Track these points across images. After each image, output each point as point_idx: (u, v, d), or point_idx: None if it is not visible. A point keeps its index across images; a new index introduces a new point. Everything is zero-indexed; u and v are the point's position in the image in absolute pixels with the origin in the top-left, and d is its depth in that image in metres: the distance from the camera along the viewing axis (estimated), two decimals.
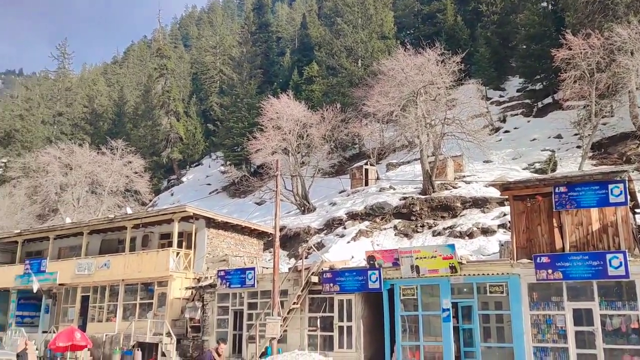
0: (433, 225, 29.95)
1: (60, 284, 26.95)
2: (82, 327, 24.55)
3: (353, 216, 33.33)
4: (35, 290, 27.02)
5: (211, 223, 26.49)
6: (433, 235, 28.85)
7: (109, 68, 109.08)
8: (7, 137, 79.70)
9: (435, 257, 17.20)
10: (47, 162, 45.40)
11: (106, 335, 24.21)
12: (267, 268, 23.73)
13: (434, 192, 32.09)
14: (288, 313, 19.53)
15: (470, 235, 27.26)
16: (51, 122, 76.52)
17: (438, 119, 33.34)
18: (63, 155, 45.42)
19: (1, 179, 69.19)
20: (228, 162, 52.79)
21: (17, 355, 12.54)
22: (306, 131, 39.38)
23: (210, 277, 23.69)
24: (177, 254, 24.53)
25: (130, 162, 45.98)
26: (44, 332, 26.67)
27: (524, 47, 45.46)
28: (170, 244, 25.49)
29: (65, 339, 21.51)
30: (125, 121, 72.39)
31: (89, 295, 26.40)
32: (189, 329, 22.69)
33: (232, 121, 53.90)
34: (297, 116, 38.95)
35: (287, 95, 41.84)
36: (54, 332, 24.81)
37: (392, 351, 17.65)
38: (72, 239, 29.98)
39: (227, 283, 21.82)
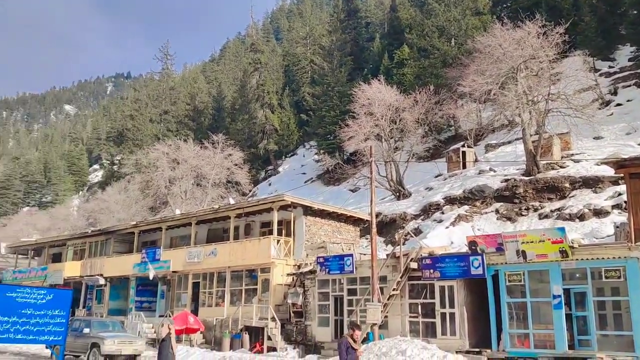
0: (539, 207, 28.44)
1: (173, 271, 28.74)
2: (194, 312, 26.06)
3: (451, 201, 32.47)
4: (151, 278, 29.02)
5: (308, 211, 26.96)
6: (539, 219, 27.41)
7: (207, 66, 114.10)
8: (120, 136, 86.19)
9: (543, 241, 16.30)
10: (157, 157, 48.47)
11: (216, 319, 25.52)
12: (364, 254, 23.78)
13: (538, 172, 30.42)
14: (388, 299, 19.45)
15: (581, 217, 25.60)
16: (158, 120, 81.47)
17: (541, 95, 31.47)
18: (170, 151, 48.27)
19: (116, 175, 75.01)
20: (322, 151, 53.39)
21: (162, 340, 13.38)
22: (399, 116, 38.82)
23: (310, 263, 24.17)
24: (278, 241, 25.24)
25: (230, 155, 47.94)
26: (160, 316, 28.61)
27: (635, 12, 41.59)
28: (270, 232, 26.29)
29: (180, 323, 22.98)
30: (224, 116, 75.46)
31: (199, 282, 27.93)
32: (292, 314, 23.31)
33: (324, 110, 54.36)
34: (389, 101, 38.47)
35: (378, 80, 41.44)
36: (170, 316, 26.55)
37: (498, 339, 17.03)
38: (182, 229, 31.86)
39: (327, 269, 22.12)
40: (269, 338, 22.60)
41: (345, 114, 44.13)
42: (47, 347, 21.81)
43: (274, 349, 21.94)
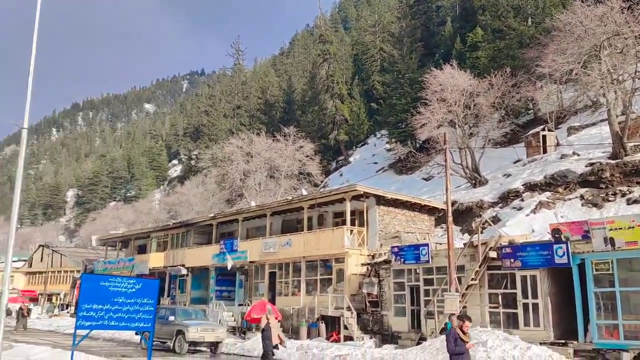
0: (627, 192, 26.75)
1: (250, 262, 29.57)
2: (272, 301, 26.67)
3: (531, 187, 31.19)
4: (229, 268, 30.01)
5: (381, 201, 26.82)
6: (627, 204, 25.80)
7: (277, 59, 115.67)
8: (196, 132, 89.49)
9: (633, 227, 15.33)
10: (231, 152, 49.90)
11: (293, 308, 26.03)
12: (440, 244, 23.37)
13: (626, 155, 28.60)
14: (466, 289, 19.03)
15: None
16: (231, 115, 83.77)
17: (627, 73, 29.50)
18: (244, 145, 49.53)
19: (194, 169, 77.93)
20: (393, 140, 52.84)
21: (262, 330, 13.84)
22: (473, 101, 37.67)
23: (384, 253, 24.07)
24: (351, 231, 25.31)
25: (301, 147, 48.53)
26: (239, 305, 29.56)
27: None
28: (343, 222, 26.41)
29: (259, 312, 23.58)
30: (295, 108, 76.37)
31: (275, 272, 28.59)
32: (368, 304, 23.35)
33: (394, 98, 53.73)
34: (463, 86, 37.40)
35: (451, 65, 40.36)
36: (248, 305, 27.37)
37: (585, 330, 16.24)
38: (257, 220, 32.67)
39: (402, 259, 21.95)
40: (345, 327, 22.78)
41: (416, 101, 43.39)
42: (136, 334, 23.15)
43: (351, 338, 22.09)
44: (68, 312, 45.15)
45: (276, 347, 14.21)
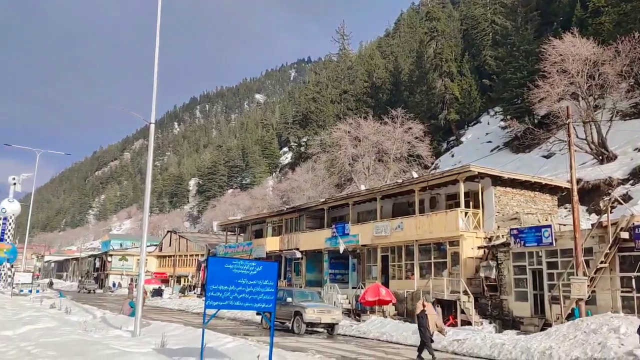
0: None
1: (362, 245, 29.82)
2: (385, 284, 26.76)
3: None
4: (341, 251, 30.48)
5: (497, 181, 25.70)
6: None
7: (382, 41, 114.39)
8: (304, 119, 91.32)
9: None
10: (339, 137, 50.37)
11: (406, 291, 25.90)
12: (564, 225, 21.99)
13: None
14: (595, 273, 17.76)
15: None
16: (338, 100, 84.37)
17: None
18: (352, 129, 49.76)
19: (304, 156, 79.73)
20: (508, 117, 50.25)
21: (418, 317, 13.89)
22: (597, 70, 34.72)
23: (502, 235, 23.11)
24: (466, 214, 24.57)
25: (410, 129, 47.77)
26: (353, 287, 29.97)
27: None
28: (457, 205, 25.69)
29: (373, 294, 23.84)
30: (402, 89, 75.16)
31: (387, 255, 28.58)
32: (485, 288, 22.61)
33: (509, 73, 50.96)
34: (585, 55, 34.60)
35: (571, 33, 37.47)
36: (362, 288, 27.67)
37: None
38: (368, 204, 32.80)
39: (522, 242, 20.96)
40: (462, 312, 22.25)
41: (533, 74, 40.88)
42: (257, 314, 24.39)
43: (469, 323, 21.55)
44: (195, 293, 48.52)
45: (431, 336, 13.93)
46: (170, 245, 70.29)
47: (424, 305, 13.81)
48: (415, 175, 31.49)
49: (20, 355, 10.40)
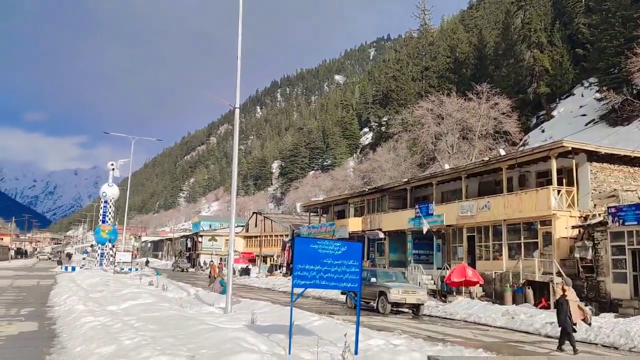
0: None
1: (447, 225, 29.25)
2: (471, 265, 26.15)
3: None
4: (424, 232, 30.06)
5: (593, 156, 24.20)
6: None
7: (466, 14, 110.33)
8: (385, 98, 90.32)
9: None
10: (421, 115, 49.42)
11: (495, 272, 25.18)
12: None
13: None
14: None
15: None
16: (419, 77, 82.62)
17: None
18: (434, 107, 48.65)
19: (385, 135, 79.04)
20: (604, 88, 47.01)
21: (558, 303, 12.87)
22: None
23: (599, 214, 21.83)
24: (558, 192, 23.38)
25: (496, 104, 45.97)
26: (438, 268, 29.55)
27: None
28: (548, 182, 24.49)
29: (459, 275, 23.41)
30: (487, 63, 72.24)
31: (473, 235, 27.86)
32: (581, 269, 21.51)
33: (604, 41, 47.52)
34: None
35: None
36: (447, 269, 27.23)
37: None
38: (452, 184, 32.05)
39: (620, 220, 19.68)
40: (555, 293, 21.31)
41: (631, 42, 38.02)
42: (342, 293, 24.72)
43: None
44: (281, 272, 49.90)
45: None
46: (256, 226, 72.56)
47: (564, 290, 12.70)
48: (502, 152, 30.30)
49: (125, 328, 11.20)
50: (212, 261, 46.03)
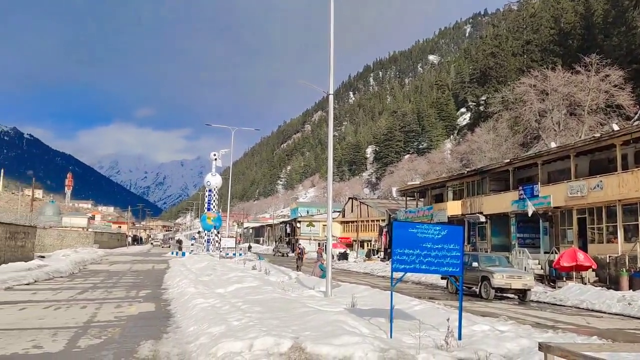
0: None
1: (554, 207, 27.68)
2: (582, 248, 24.63)
3: None
4: (530, 214, 28.68)
5: None
6: None
7: None
8: (482, 76, 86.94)
9: None
10: (523, 92, 46.98)
11: (609, 256, 23.54)
12: None
13: None
14: None
15: None
16: (520, 52, 78.52)
17: None
18: (537, 82, 46.03)
19: (483, 115, 76.19)
20: None
21: None
22: None
23: None
24: None
25: (607, 76, 42.66)
26: (545, 252, 28.12)
27: None
28: None
29: (569, 260, 22.15)
30: (595, 33, 67.10)
31: (584, 217, 26.17)
32: None
33: None
34: None
35: None
36: (555, 253, 25.84)
37: None
38: (559, 163, 30.25)
39: None
40: None
41: None
42: (442, 278, 24.29)
43: None
44: (378, 257, 49.97)
45: None
46: (352, 211, 73.06)
47: None
48: (615, 127, 28.07)
49: (232, 310, 11.78)
50: (299, 244, 47.13)
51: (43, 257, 34.10)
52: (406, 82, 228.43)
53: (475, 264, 21.42)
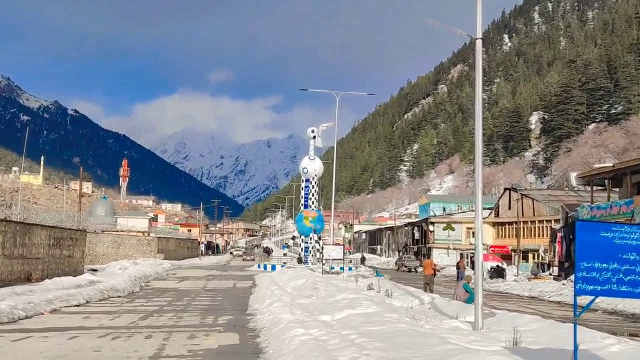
0: None
1: None
2: None
3: None
4: None
5: None
6: None
7: None
8: None
9: None
10: None
11: None
12: None
13: None
14: None
15: None
16: None
17: None
18: None
19: None
20: None
21: None
22: None
23: None
24: None
25: None
26: None
27: None
28: None
29: None
30: None
31: None
32: None
33: None
34: None
35: None
36: None
37: None
38: None
39: None
40: None
41: None
42: None
43: None
44: (550, 274, 48.40)
45: None
46: (509, 208, 71.25)
47: None
48: None
49: (344, 345, 11.93)
50: (426, 256, 46.68)
51: (95, 270, 36.73)
52: (589, 15, 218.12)
53: None
